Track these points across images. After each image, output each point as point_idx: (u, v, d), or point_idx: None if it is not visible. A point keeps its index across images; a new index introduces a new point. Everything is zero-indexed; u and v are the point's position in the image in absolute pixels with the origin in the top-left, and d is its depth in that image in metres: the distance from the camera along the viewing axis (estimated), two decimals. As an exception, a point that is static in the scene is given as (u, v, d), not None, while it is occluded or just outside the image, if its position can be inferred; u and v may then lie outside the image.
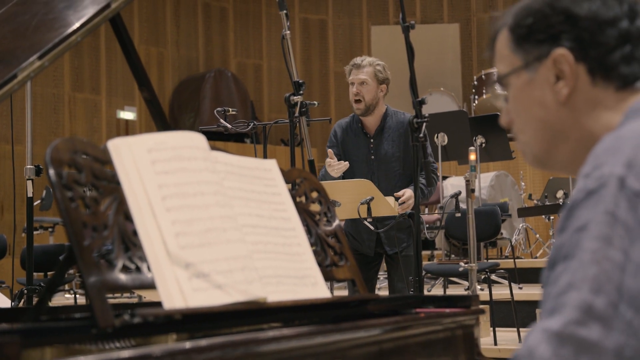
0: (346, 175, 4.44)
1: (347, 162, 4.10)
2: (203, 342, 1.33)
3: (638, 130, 1.06)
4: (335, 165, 4.01)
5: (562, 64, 1.18)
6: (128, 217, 1.49)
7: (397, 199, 4.13)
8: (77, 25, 1.82)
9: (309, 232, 1.87)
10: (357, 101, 4.32)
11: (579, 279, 0.98)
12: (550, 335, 0.96)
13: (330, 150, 4.15)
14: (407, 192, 4.09)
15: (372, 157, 4.38)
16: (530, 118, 1.23)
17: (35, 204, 4.28)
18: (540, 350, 0.96)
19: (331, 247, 1.90)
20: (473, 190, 2.49)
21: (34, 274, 4.43)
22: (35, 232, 6.51)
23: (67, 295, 7.43)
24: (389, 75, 4.38)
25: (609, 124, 1.17)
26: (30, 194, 3.96)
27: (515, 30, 1.23)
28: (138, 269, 1.46)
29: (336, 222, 1.95)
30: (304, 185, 1.94)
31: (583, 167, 1.06)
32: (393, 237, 4.23)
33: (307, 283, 1.76)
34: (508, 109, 1.28)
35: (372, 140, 4.39)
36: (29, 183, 3.96)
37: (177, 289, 1.45)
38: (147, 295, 3.80)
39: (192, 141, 1.63)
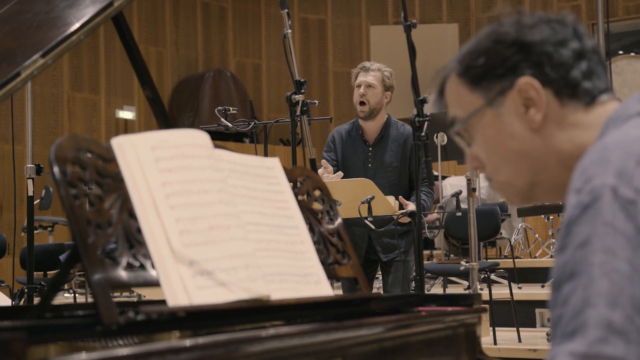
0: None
1: (340, 173, 4.10)
2: (206, 340, 1.33)
3: (621, 138, 1.05)
4: (328, 176, 3.99)
5: (528, 92, 1.17)
6: (132, 215, 1.49)
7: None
8: (79, 23, 1.82)
9: (311, 230, 1.87)
10: (362, 103, 4.32)
11: (593, 295, 0.95)
12: (578, 358, 0.93)
13: (324, 161, 4.14)
14: (411, 205, 4.09)
15: (370, 165, 4.37)
16: (506, 154, 1.21)
17: (34, 203, 4.28)
18: None
19: (334, 245, 1.91)
20: (474, 189, 2.49)
21: (34, 273, 4.42)
22: (34, 232, 6.50)
23: (66, 295, 7.43)
24: (394, 84, 4.39)
25: (584, 142, 1.17)
26: (30, 193, 3.96)
27: (467, 74, 1.22)
28: (142, 267, 1.46)
29: (339, 220, 1.95)
30: (307, 184, 1.95)
31: (572, 182, 1.05)
32: (387, 244, 4.23)
33: (310, 281, 1.76)
34: (474, 153, 1.26)
35: (370, 149, 4.38)
36: (30, 182, 3.96)
37: (181, 287, 1.46)
38: (148, 294, 3.80)
39: (195, 139, 1.63)
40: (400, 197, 4.06)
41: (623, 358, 0.92)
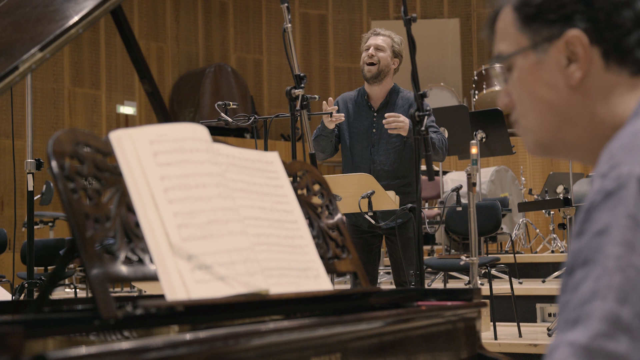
0: (343, 145, 4.42)
1: (342, 115, 4.13)
2: (204, 334, 1.33)
3: None
4: (334, 114, 4.01)
5: (575, 46, 1.11)
6: (130, 209, 1.48)
7: (399, 186, 4.11)
8: (78, 17, 1.81)
9: (311, 224, 1.86)
10: (371, 64, 4.33)
11: (603, 288, 0.92)
12: (578, 349, 0.91)
13: (330, 99, 4.16)
14: (402, 117, 4.10)
15: (374, 130, 4.38)
16: (536, 102, 1.17)
17: (35, 198, 4.28)
18: None
19: (333, 240, 1.90)
20: (474, 184, 2.48)
21: (34, 268, 4.43)
22: (35, 227, 6.51)
23: (67, 290, 7.43)
24: (403, 53, 4.39)
25: (621, 111, 1.12)
26: (30, 188, 3.96)
27: (521, 9, 1.16)
28: (140, 261, 1.46)
29: (338, 215, 1.95)
30: (306, 178, 1.94)
31: (598, 165, 1.01)
32: (386, 212, 4.20)
33: (310, 275, 1.75)
34: (508, 90, 1.22)
35: (375, 114, 4.40)
36: (30, 177, 3.96)
37: (180, 281, 1.45)
38: (148, 289, 3.79)
39: (194, 133, 1.63)
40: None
41: (626, 356, 0.90)
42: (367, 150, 4.34)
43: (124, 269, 1.42)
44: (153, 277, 1.46)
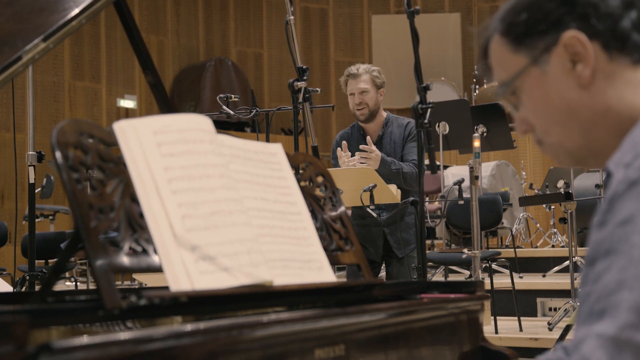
0: None
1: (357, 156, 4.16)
2: (208, 324, 1.33)
3: None
4: (346, 159, 4.05)
5: (575, 46, 1.11)
6: (134, 199, 1.48)
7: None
8: (80, 8, 1.81)
9: (314, 216, 1.86)
10: (361, 109, 4.38)
11: (631, 278, 0.90)
12: (606, 341, 0.89)
13: (344, 143, 4.19)
14: (375, 151, 4.16)
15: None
16: (554, 114, 1.15)
17: (36, 191, 4.28)
18: (596, 358, 0.89)
19: (337, 232, 1.90)
20: (477, 177, 2.48)
21: (35, 261, 4.42)
22: (36, 220, 6.51)
23: (67, 283, 7.44)
24: (384, 78, 4.44)
25: (634, 101, 1.10)
26: (32, 180, 3.96)
27: (510, 32, 1.17)
28: (144, 252, 1.45)
29: (342, 207, 1.95)
30: (309, 170, 1.94)
31: (620, 155, 0.99)
32: (400, 240, 4.23)
33: (313, 267, 1.75)
34: (522, 116, 1.20)
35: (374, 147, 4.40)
36: (31, 169, 3.96)
37: (184, 272, 1.45)
38: (149, 282, 3.79)
39: (198, 124, 1.62)
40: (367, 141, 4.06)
41: None
42: None
43: (128, 260, 1.42)
44: (157, 268, 1.45)
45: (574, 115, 1.14)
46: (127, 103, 10.59)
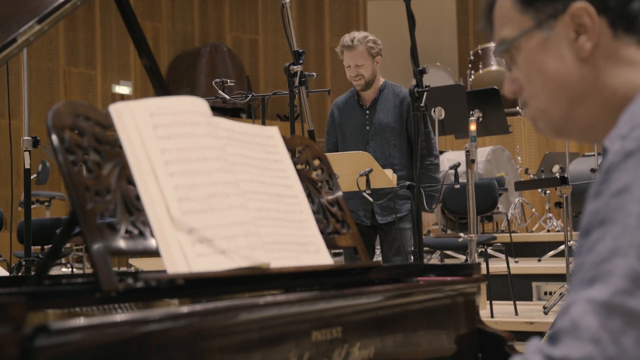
0: (341, 146, 4.50)
1: None
2: (204, 306, 1.33)
3: None
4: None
5: (582, 18, 1.11)
6: (131, 182, 1.48)
7: (398, 178, 4.16)
8: (76, -10, 1.80)
9: (311, 199, 1.86)
10: (357, 79, 4.40)
11: (625, 245, 0.90)
12: (597, 305, 0.89)
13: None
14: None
15: (367, 127, 4.44)
16: (547, 80, 1.15)
17: (31, 177, 4.27)
18: (587, 323, 0.89)
19: (333, 215, 1.90)
20: (473, 161, 2.48)
21: (31, 247, 4.42)
22: (31, 206, 6.50)
23: (63, 269, 7.44)
24: (381, 45, 4.43)
25: (634, 80, 1.11)
26: (27, 166, 3.95)
27: None
28: (141, 234, 1.45)
29: (338, 190, 1.94)
30: (306, 153, 1.93)
31: (617, 127, 0.99)
32: (386, 207, 4.27)
33: (310, 250, 1.75)
34: (514, 76, 1.20)
35: (367, 111, 4.45)
36: (27, 154, 3.95)
37: (180, 254, 1.45)
38: (146, 268, 3.80)
39: (194, 106, 1.62)
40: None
41: None
42: (362, 148, 4.41)
43: (124, 242, 1.42)
44: (154, 251, 1.45)
45: (566, 86, 1.14)
46: (122, 89, 10.56)
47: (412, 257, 3.00)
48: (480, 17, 1.25)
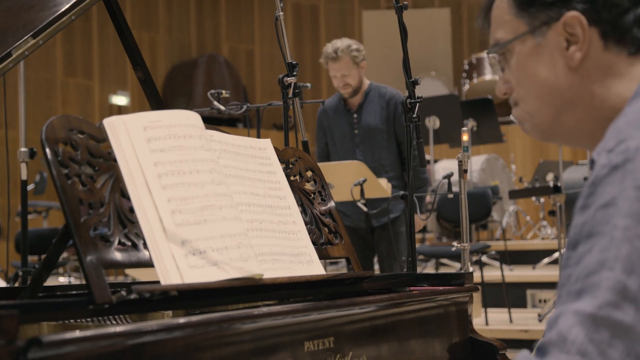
0: (332, 150, 4.50)
1: None
2: (198, 317, 1.34)
3: None
4: None
5: (574, 28, 1.12)
6: (124, 195, 1.49)
7: (388, 180, 4.18)
8: (70, 3, 1.82)
9: (303, 210, 1.88)
10: (345, 88, 4.43)
11: (611, 258, 0.91)
12: (584, 318, 0.90)
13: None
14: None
15: (356, 130, 4.46)
16: (536, 86, 1.17)
17: (29, 188, 4.28)
18: (574, 335, 0.90)
19: (326, 226, 1.91)
20: (466, 171, 2.50)
21: (29, 257, 4.43)
22: (29, 216, 6.50)
23: (61, 279, 7.43)
24: (364, 50, 4.47)
25: (622, 92, 1.12)
26: (24, 177, 3.96)
27: None
28: (135, 246, 1.47)
29: (331, 201, 1.96)
30: (299, 164, 1.95)
31: (604, 141, 1.00)
32: (379, 211, 4.27)
33: (303, 261, 1.77)
34: (506, 77, 1.22)
35: (355, 115, 4.47)
36: (23, 166, 3.96)
37: (174, 266, 1.46)
38: (143, 278, 3.80)
39: (187, 119, 1.64)
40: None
41: (632, 326, 0.89)
42: (352, 151, 4.43)
43: (118, 254, 1.43)
44: (147, 263, 1.46)
45: (555, 92, 1.16)
46: (120, 99, 10.57)
47: (405, 267, 3.02)
48: (478, 15, 1.26)
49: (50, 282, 6.62)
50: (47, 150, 1.41)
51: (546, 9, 1.15)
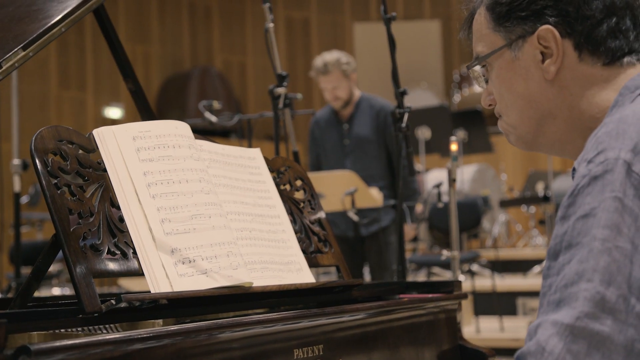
0: (323, 161, 4.53)
1: None
2: (188, 325, 1.35)
3: None
4: None
5: (548, 41, 1.14)
6: (114, 204, 1.50)
7: (380, 188, 4.20)
8: (60, 16, 1.83)
9: (293, 219, 1.89)
10: (336, 100, 4.48)
11: (589, 269, 0.92)
12: (562, 328, 0.91)
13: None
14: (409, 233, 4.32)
15: (346, 140, 4.49)
16: (516, 98, 1.19)
17: (24, 201, 4.28)
18: (551, 345, 0.91)
19: (315, 234, 1.92)
20: (454, 180, 2.52)
21: (22, 268, 4.43)
22: (23, 228, 6.50)
23: (55, 290, 7.41)
24: (353, 62, 4.51)
25: (600, 102, 1.14)
26: (17, 189, 3.96)
27: (494, 9, 1.20)
28: (124, 255, 1.47)
29: (320, 210, 1.97)
30: (288, 174, 1.96)
31: (584, 153, 1.01)
32: (370, 220, 4.30)
33: (292, 269, 1.78)
34: (490, 89, 1.25)
35: (345, 125, 4.51)
36: (16, 178, 3.96)
37: (163, 275, 1.47)
38: (136, 288, 3.81)
39: (176, 129, 1.65)
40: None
41: (609, 337, 0.90)
42: (342, 161, 4.46)
43: (107, 264, 1.44)
44: (136, 272, 1.47)
45: (533, 105, 1.18)
46: (114, 112, 10.57)
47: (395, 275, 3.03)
48: (461, 27, 1.29)
49: (44, 293, 6.61)
50: (37, 160, 1.43)
51: (521, 23, 1.17)
